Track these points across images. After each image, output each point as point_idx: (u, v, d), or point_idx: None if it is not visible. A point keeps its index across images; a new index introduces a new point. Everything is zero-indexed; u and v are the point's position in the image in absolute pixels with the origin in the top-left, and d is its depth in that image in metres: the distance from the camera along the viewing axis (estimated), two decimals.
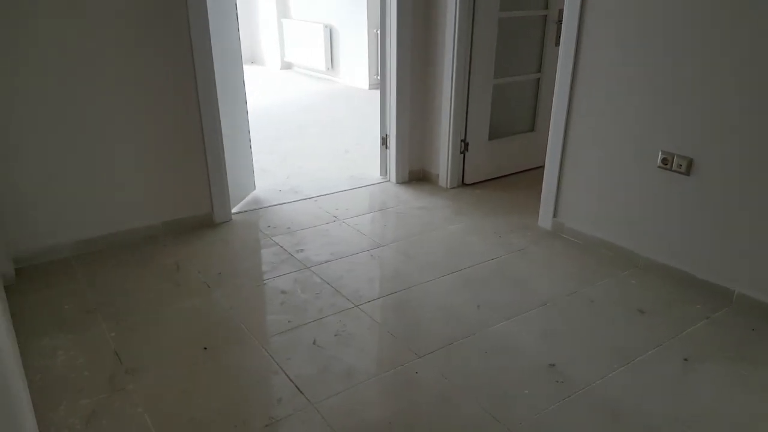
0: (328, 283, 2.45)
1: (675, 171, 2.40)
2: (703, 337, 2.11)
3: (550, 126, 2.89)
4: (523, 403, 1.79)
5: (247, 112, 3.27)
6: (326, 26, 7.21)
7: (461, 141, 3.58)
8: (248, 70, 8.16)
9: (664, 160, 2.43)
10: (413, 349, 2.04)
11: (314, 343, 2.05)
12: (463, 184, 3.70)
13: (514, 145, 3.82)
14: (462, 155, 3.63)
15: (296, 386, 1.84)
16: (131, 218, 2.77)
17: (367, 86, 6.67)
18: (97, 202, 2.66)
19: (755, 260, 2.21)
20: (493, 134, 3.72)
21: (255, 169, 3.58)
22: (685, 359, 1.99)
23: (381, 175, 3.82)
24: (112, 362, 1.94)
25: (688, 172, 2.36)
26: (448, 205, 3.37)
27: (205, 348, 2.02)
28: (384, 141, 3.73)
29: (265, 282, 2.48)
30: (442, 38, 3.39)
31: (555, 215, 3.00)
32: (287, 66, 8.24)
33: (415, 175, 3.80)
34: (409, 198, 3.48)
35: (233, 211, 3.15)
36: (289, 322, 2.18)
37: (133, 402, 1.76)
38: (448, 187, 3.64)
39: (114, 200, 2.69)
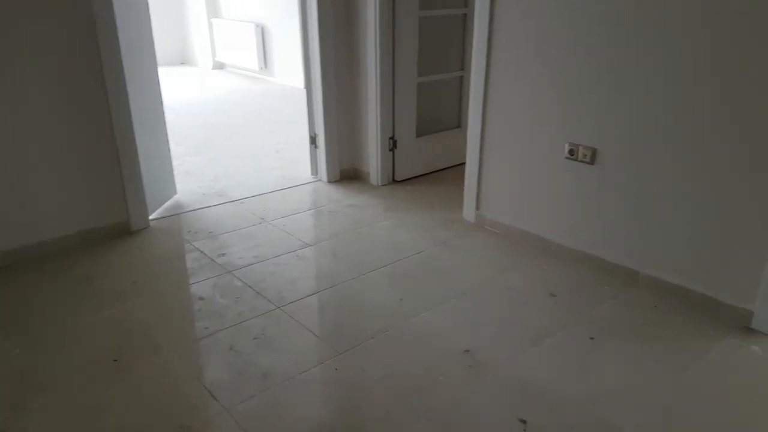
0: (250, 287, 2.45)
1: (581, 161, 2.53)
2: (609, 316, 2.24)
3: (468, 122, 2.99)
4: (439, 390, 1.85)
5: (163, 113, 3.21)
6: (258, 25, 7.14)
7: (390, 138, 3.64)
8: (179, 72, 8.06)
9: (571, 151, 2.55)
10: (334, 346, 2.07)
11: (231, 348, 2.05)
12: (394, 181, 3.76)
13: (441, 142, 3.91)
14: (391, 152, 3.69)
15: (210, 393, 1.83)
16: (42, 230, 2.67)
17: (302, 85, 6.64)
18: (3, 214, 2.55)
19: (655, 242, 2.36)
20: (421, 131, 3.80)
21: (178, 173, 3.52)
22: (591, 338, 2.11)
23: (312, 174, 3.83)
24: (16, 381, 1.88)
25: (592, 162, 2.49)
26: (378, 202, 3.42)
27: (116, 360, 1.98)
28: (313, 140, 3.74)
29: (182, 289, 2.45)
30: (364, 37, 3.43)
31: (477, 208, 3.10)
32: (219, 66, 8.11)
33: (347, 173, 3.83)
34: (340, 197, 3.51)
35: (152, 217, 3.09)
36: (206, 328, 2.17)
37: (37, 422, 1.71)
38: (379, 184, 3.69)
39: (23, 212, 2.59)
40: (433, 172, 3.93)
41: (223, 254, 2.74)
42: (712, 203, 2.15)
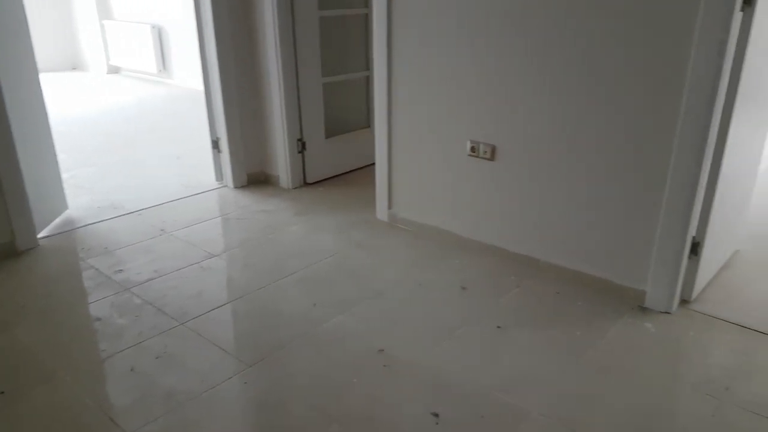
0: (150, 303, 2.33)
1: (482, 158, 2.63)
2: (514, 305, 2.34)
3: (375, 122, 3.01)
4: (353, 392, 1.85)
5: (48, 123, 2.99)
6: (155, 26, 6.83)
7: (298, 140, 3.60)
8: (70, 77, 7.53)
9: (473, 148, 2.65)
10: (243, 359, 2.01)
11: (132, 370, 1.95)
12: (306, 183, 3.73)
13: (352, 142, 3.92)
14: (300, 154, 3.65)
15: (111, 419, 1.73)
16: None
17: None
18: None
19: (554, 231, 2.50)
20: (331, 132, 3.79)
21: (69, 186, 3.30)
22: (498, 326, 2.19)
23: (217, 180, 3.72)
24: None
25: (492, 158, 2.60)
26: (289, 206, 3.37)
27: (2, 393, 1.82)
28: (215, 144, 3.63)
29: (76, 310, 2.30)
30: (263, 37, 3.37)
31: (390, 207, 3.14)
32: (114, 70, 7.68)
33: (255, 177, 3.75)
34: (249, 202, 3.43)
35: (40, 235, 2.87)
36: (103, 351, 2.04)
37: None
38: (290, 187, 3.65)
39: None
40: (346, 172, 3.93)
41: (120, 270, 2.59)
42: (603, 193, 2.31)
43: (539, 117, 2.40)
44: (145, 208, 3.28)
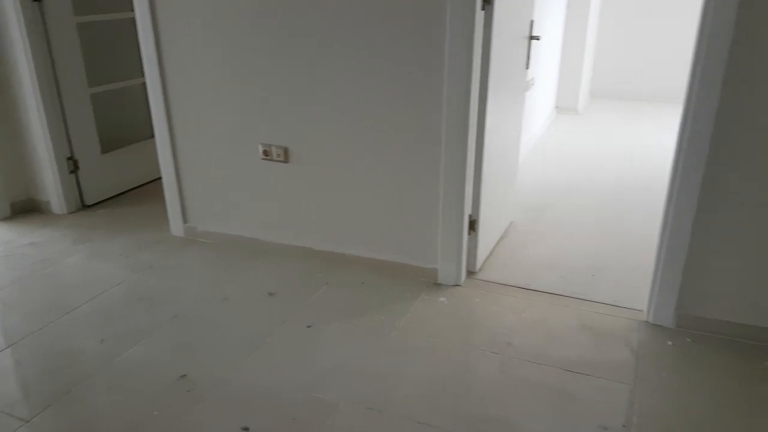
0: None
1: (276, 160, 2.64)
2: (323, 301, 2.40)
3: (155, 131, 2.84)
4: (155, 426, 1.73)
5: None
6: None
7: (68, 159, 3.24)
8: None
9: (265, 152, 2.64)
10: (17, 414, 1.76)
11: None
12: (84, 206, 3.37)
13: (135, 155, 3.65)
14: (73, 174, 3.29)
15: None
16: None
17: None
18: None
19: (352, 224, 2.61)
20: (109, 146, 3.48)
21: None
22: (309, 326, 2.23)
23: None
24: None
25: (286, 160, 2.62)
26: (65, 234, 3.02)
27: None
28: None
29: None
30: (11, 50, 2.97)
31: (185, 221, 2.99)
32: None
33: (21, 206, 3.29)
34: (14, 236, 2.99)
35: None
36: None
37: None
38: (65, 212, 3.27)
39: None
40: (133, 189, 3.65)
41: None
42: (390, 183, 2.47)
43: (324, 115, 2.48)
44: None
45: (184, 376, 1.95)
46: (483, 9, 2.17)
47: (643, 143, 4.57)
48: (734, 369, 1.97)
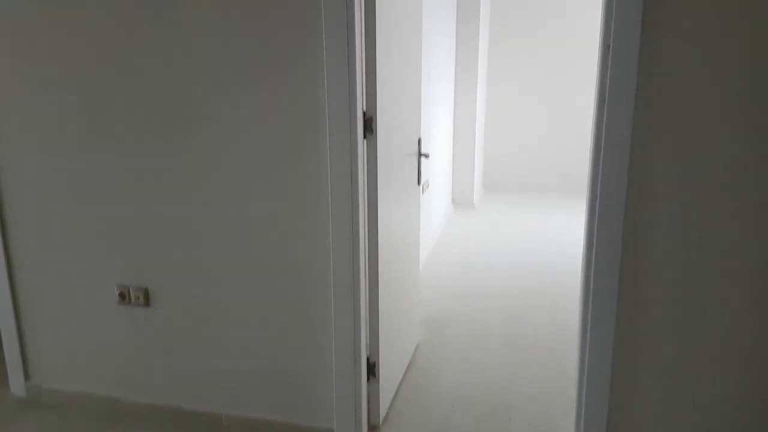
0: None
1: (134, 304, 2.25)
2: None
3: None
4: None
5: None
6: None
7: None
8: None
9: (121, 294, 2.25)
10: None
11: None
12: None
13: None
14: None
15: None
16: None
17: None
18: None
19: (231, 380, 2.24)
20: None
21: None
22: None
23: None
24: None
25: (147, 303, 2.24)
26: None
27: None
28: None
29: None
30: None
31: (27, 378, 2.47)
32: None
33: None
34: None
35: None
36: None
37: None
38: None
39: None
40: None
41: None
42: (275, 329, 2.15)
43: (191, 245, 2.15)
44: None
45: None
46: (365, 138, 2.01)
47: (538, 237, 4.64)
48: None
